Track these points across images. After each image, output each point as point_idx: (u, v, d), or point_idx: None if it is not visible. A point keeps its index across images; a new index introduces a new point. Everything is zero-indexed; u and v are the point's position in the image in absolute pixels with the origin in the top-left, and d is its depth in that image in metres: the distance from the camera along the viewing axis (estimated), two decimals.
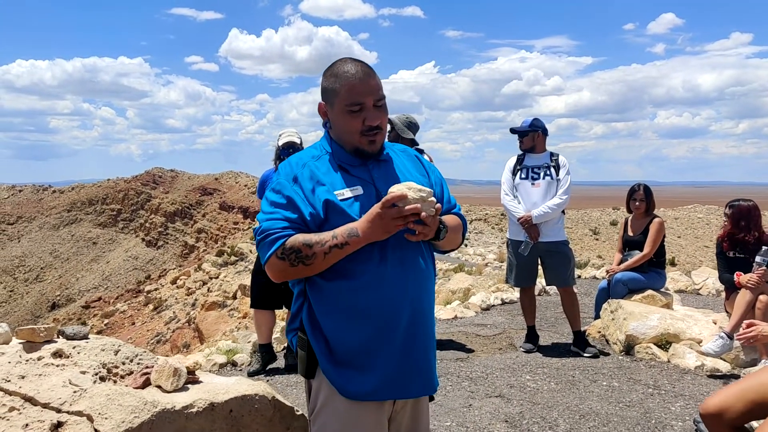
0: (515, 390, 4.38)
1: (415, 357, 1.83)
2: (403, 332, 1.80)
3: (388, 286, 1.77)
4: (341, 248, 1.70)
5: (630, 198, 5.98)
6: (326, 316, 1.79)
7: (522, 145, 5.31)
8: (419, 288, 1.84)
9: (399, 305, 1.78)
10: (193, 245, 69.25)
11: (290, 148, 4.83)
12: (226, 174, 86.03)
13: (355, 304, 1.76)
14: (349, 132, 1.80)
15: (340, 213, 1.75)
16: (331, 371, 1.78)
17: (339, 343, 1.78)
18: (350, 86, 1.77)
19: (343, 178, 1.81)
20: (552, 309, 7.22)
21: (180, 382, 2.32)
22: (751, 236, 4.94)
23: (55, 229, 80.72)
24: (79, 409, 2.12)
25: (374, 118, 1.79)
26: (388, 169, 1.89)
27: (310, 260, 1.71)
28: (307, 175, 1.81)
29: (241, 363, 5.22)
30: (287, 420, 2.49)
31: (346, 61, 1.83)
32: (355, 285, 1.75)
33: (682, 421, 3.78)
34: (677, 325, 5.38)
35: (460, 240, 2.02)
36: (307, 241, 1.71)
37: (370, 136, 1.80)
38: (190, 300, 29.70)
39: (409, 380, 1.82)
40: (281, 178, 1.84)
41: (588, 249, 35.98)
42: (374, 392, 1.77)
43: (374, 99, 1.79)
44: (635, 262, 5.82)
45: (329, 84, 1.82)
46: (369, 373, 1.77)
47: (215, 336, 17.96)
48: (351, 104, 1.77)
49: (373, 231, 1.69)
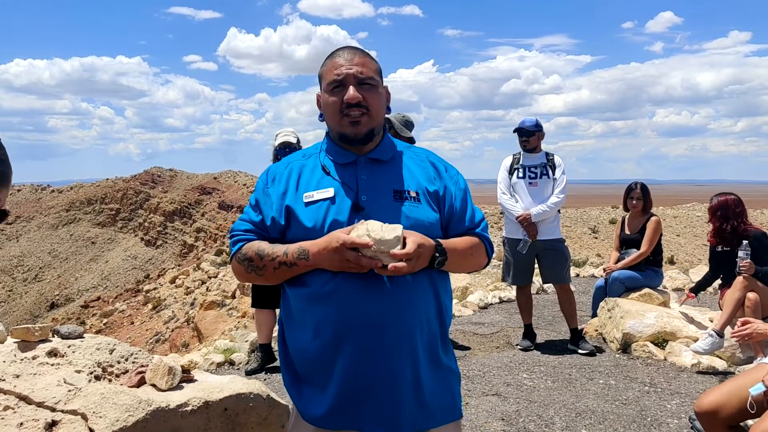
0: (512, 388, 4.38)
1: (375, 382, 1.57)
2: (359, 350, 1.56)
3: (344, 295, 1.57)
4: (289, 267, 1.60)
5: (627, 196, 5.99)
6: (288, 326, 1.71)
7: (528, 145, 5.34)
8: (388, 304, 1.57)
9: (354, 318, 1.56)
10: (192, 244, 69.27)
11: (286, 148, 4.84)
12: (225, 173, 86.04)
13: (307, 314, 1.62)
14: (331, 114, 1.67)
15: (298, 221, 1.63)
16: (291, 389, 1.70)
17: (298, 357, 1.67)
18: (333, 64, 1.67)
19: (320, 179, 1.68)
20: (549, 307, 7.23)
21: (175, 381, 2.33)
22: (729, 225, 4.99)
23: (54, 228, 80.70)
24: (74, 407, 2.12)
25: (353, 96, 1.62)
26: (382, 171, 1.70)
27: (260, 271, 1.64)
28: (285, 176, 1.71)
29: (238, 362, 5.23)
30: (282, 419, 2.49)
31: (340, 48, 1.74)
32: (308, 293, 1.62)
33: (678, 419, 3.79)
34: (674, 323, 5.39)
35: (476, 262, 1.78)
36: (260, 252, 1.63)
37: (351, 117, 1.63)
38: (189, 299, 29.72)
39: (365, 409, 1.58)
40: (261, 178, 1.78)
41: (587, 247, 36.03)
42: (325, 418, 1.60)
43: (356, 75, 1.64)
44: (632, 261, 5.82)
45: (321, 69, 1.73)
46: (322, 396, 1.61)
47: (214, 335, 17.97)
48: (332, 82, 1.65)
49: (324, 262, 1.55)
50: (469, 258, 1.73)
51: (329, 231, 1.58)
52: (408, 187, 1.68)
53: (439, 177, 1.76)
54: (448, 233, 1.73)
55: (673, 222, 39.42)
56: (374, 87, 1.67)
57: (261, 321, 4.98)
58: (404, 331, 1.59)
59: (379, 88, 1.70)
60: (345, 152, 1.71)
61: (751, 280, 4.67)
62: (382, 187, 1.66)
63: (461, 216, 1.75)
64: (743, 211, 5.09)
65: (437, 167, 1.78)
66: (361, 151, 1.70)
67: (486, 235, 1.81)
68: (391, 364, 1.58)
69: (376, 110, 1.67)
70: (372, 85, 1.66)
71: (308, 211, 1.63)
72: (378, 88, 1.69)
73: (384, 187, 1.66)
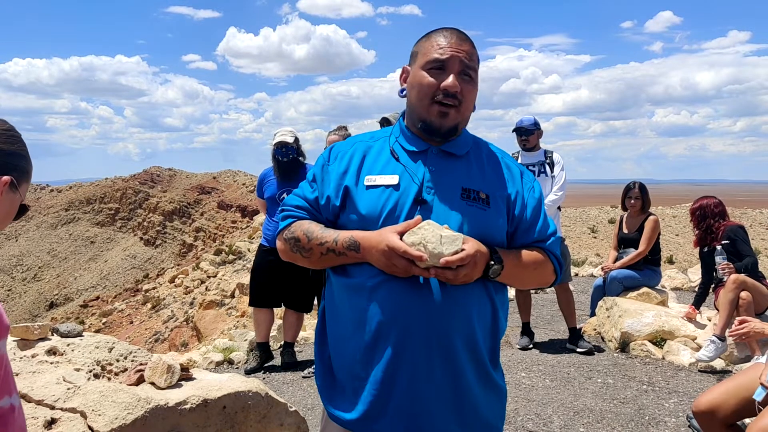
0: (510, 387, 4.39)
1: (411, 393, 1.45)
2: (396, 352, 1.44)
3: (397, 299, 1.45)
4: (338, 255, 1.49)
5: (625, 196, 6.00)
6: (330, 314, 1.61)
7: (528, 144, 5.35)
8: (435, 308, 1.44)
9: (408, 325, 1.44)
10: (191, 244, 69.25)
11: (283, 148, 4.84)
12: (224, 173, 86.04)
13: (348, 306, 1.52)
14: (420, 96, 1.52)
15: (354, 205, 1.52)
16: (322, 390, 1.59)
17: (336, 348, 1.56)
18: (437, 43, 1.52)
19: (385, 163, 1.56)
20: (548, 306, 7.24)
21: (173, 379, 2.33)
22: (705, 224, 5.15)
23: (53, 228, 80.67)
24: (73, 405, 2.13)
25: (453, 84, 1.49)
26: (453, 166, 1.56)
27: (306, 253, 1.54)
28: (348, 155, 1.59)
29: (237, 361, 5.24)
30: (281, 416, 2.50)
31: (444, 28, 1.58)
32: (350, 284, 1.51)
33: (676, 418, 3.80)
34: (672, 322, 5.40)
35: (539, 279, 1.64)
36: (308, 233, 1.53)
37: (442, 106, 1.50)
38: (188, 299, 29.70)
39: (406, 420, 1.45)
40: (324, 154, 1.65)
41: (586, 247, 36.05)
42: (355, 423, 1.49)
43: (461, 62, 1.51)
44: (630, 260, 5.83)
45: (420, 43, 1.58)
46: (356, 400, 1.49)
47: (213, 335, 17.97)
48: (433, 61, 1.51)
49: (373, 259, 1.44)
50: (531, 272, 1.58)
51: (385, 221, 1.48)
52: (478, 188, 1.55)
53: (513, 181, 1.62)
54: (512, 243, 1.58)
55: (672, 222, 39.45)
56: (473, 81, 1.55)
57: (259, 320, 4.99)
58: (449, 339, 1.46)
59: (476, 83, 1.57)
60: (418, 139, 1.58)
61: (741, 279, 4.69)
62: (450, 183, 1.53)
63: (530, 226, 1.60)
64: (723, 212, 5.21)
65: (512, 170, 1.64)
66: (435, 143, 1.58)
67: (555, 251, 1.63)
68: (430, 372, 1.46)
69: (467, 106, 1.56)
70: (472, 78, 1.54)
71: (367, 196, 1.51)
72: (475, 82, 1.56)
73: (452, 183, 1.53)
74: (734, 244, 4.91)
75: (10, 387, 1.26)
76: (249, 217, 58.54)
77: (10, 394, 1.25)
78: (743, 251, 4.92)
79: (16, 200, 1.26)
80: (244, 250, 29.38)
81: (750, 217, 43.30)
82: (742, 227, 5.16)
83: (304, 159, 4.98)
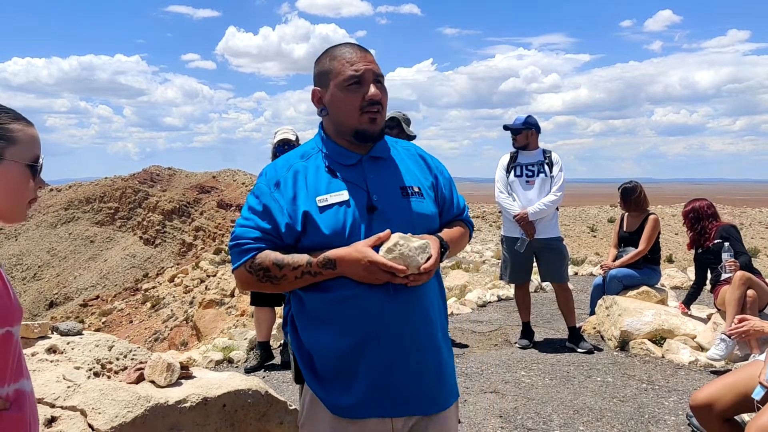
0: (510, 385, 4.40)
1: (404, 373, 1.64)
2: (387, 347, 1.62)
3: (368, 300, 1.60)
4: (313, 276, 1.59)
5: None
6: (305, 327, 1.69)
7: (515, 143, 5.32)
8: (410, 298, 1.64)
9: (380, 319, 1.61)
10: (191, 243, 69.26)
11: (285, 146, 4.84)
12: (223, 172, 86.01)
13: (331, 317, 1.63)
14: (349, 111, 1.65)
15: (316, 227, 1.61)
16: (313, 383, 1.68)
17: (319, 355, 1.66)
18: (348, 61, 1.66)
19: (328, 182, 1.66)
20: (548, 305, 7.24)
21: (173, 378, 2.34)
22: (699, 225, 5.25)
23: (53, 227, 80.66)
24: (73, 404, 2.13)
25: (376, 93, 1.64)
26: (385, 169, 1.73)
27: (278, 281, 1.61)
28: (291, 180, 1.66)
29: (237, 360, 5.24)
30: (280, 415, 2.50)
31: (340, 44, 1.73)
32: (331, 298, 1.62)
33: (675, 416, 3.80)
34: (672, 320, 5.40)
35: (465, 243, 1.92)
36: (278, 262, 1.60)
37: (371, 113, 1.65)
38: (187, 298, 29.72)
39: (395, 398, 1.64)
40: (262, 182, 1.71)
41: (585, 246, 36.06)
42: (354, 408, 1.62)
43: (373, 73, 1.66)
44: (630, 259, 5.84)
45: (325, 65, 1.70)
46: (349, 389, 1.63)
47: (213, 334, 17.98)
48: (349, 78, 1.64)
49: (352, 274, 1.58)
50: (460, 244, 1.85)
51: (350, 236, 1.60)
52: (411, 183, 1.72)
53: (429, 169, 1.82)
54: (440, 221, 1.80)
55: (672, 221, 39.46)
56: (384, 86, 1.71)
57: (260, 319, 4.99)
58: (429, 326, 1.68)
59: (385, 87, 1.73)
60: (348, 152, 1.70)
61: (748, 276, 4.70)
62: (389, 185, 1.69)
63: (450, 205, 1.85)
64: (715, 213, 5.34)
65: (426, 160, 1.84)
66: (363, 151, 1.70)
67: (470, 219, 1.95)
68: (419, 357, 1.65)
69: (385, 108, 1.71)
70: (383, 84, 1.70)
71: (325, 216, 1.61)
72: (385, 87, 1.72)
73: (391, 185, 1.69)
74: (730, 244, 4.95)
75: (23, 371, 1.29)
76: None
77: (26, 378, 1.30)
78: (738, 250, 4.96)
79: (10, 170, 1.26)
80: None
81: (749, 216, 43.32)
82: (734, 227, 5.24)
83: None
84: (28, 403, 1.28)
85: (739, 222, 39.61)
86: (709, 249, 5.10)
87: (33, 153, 1.31)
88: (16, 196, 1.28)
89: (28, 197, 1.31)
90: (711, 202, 5.40)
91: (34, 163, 1.31)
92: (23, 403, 1.26)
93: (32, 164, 1.30)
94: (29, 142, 1.30)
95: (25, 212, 1.32)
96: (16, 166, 1.27)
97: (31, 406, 1.30)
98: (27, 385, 1.30)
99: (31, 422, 1.28)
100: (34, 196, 1.33)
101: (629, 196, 5.94)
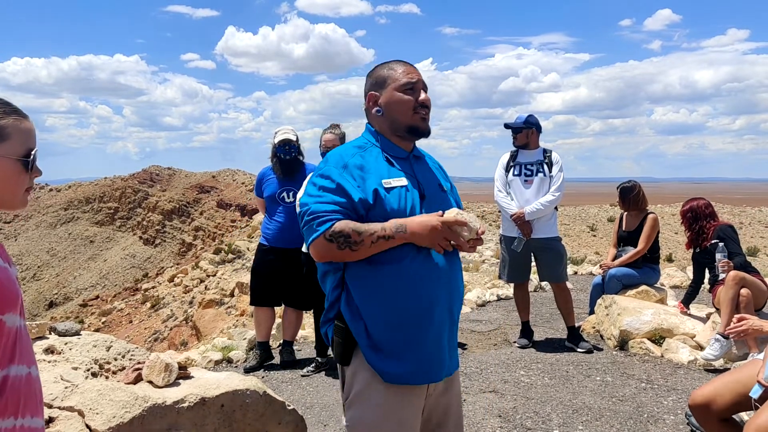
0: (509, 385, 4.39)
1: (446, 341, 1.94)
2: (438, 318, 1.89)
3: (428, 274, 1.87)
4: (387, 240, 1.82)
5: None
6: (367, 302, 1.86)
7: (516, 141, 5.31)
8: (455, 278, 1.97)
9: (437, 293, 1.89)
10: (190, 243, 69.21)
11: (286, 146, 4.83)
12: (223, 172, 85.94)
13: (396, 290, 1.84)
14: (404, 110, 1.96)
15: (385, 201, 1.87)
16: (370, 354, 1.85)
17: (378, 328, 1.85)
18: (404, 71, 1.99)
19: (388, 169, 1.94)
20: (547, 305, 7.24)
21: (171, 378, 2.33)
22: (697, 225, 5.25)
23: (52, 227, 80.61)
24: (71, 404, 2.13)
25: (427, 98, 1.99)
26: (426, 167, 2.06)
27: (357, 246, 1.81)
28: (357, 164, 1.91)
29: (236, 360, 5.23)
30: (279, 415, 2.50)
31: (395, 60, 2.07)
32: (397, 269, 1.85)
33: (674, 415, 3.80)
34: (671, 320, 5.40)
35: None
36: (357, 229, 1.81)
37: (421, 114, 1.97)
38: (187, 298, 29.68)
39: (441, 364, 1.92)
40: (330, 164, 1.93)
41: (585, 245, 36.06)
42: (411, 376, 1.85)
43: (423, 83, 2.01)
44: (629, 258, 5.83)
45: (383, 73, 2.01)
46: (405, 358, 1.85)
47: (213, 334, 17.96)
48: (406, 83, 1.96)
49: (422, 237, 1.84)
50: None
51: (410, 213, 1.88)
52: (442, 183, 2.07)
53: (445, 174, 2.16)
54: None
55: (671, 220, 39.45)
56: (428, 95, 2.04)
57: (260, 319, 4.99)
58: (460, 298, 2.03)
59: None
60: (399, 148, 2.00)
61: (741, 276, 4.71)
62: (430, 180, 2.02)
63: (457, 205, 2.11)
64: (713, 212, 5.33)
65: (442, 169, 2.18)
66: (408, 149, 2.03)
67: None
68: (452, 326, 1.97)
69: (430, 109, 2.03)
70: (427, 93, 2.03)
71: (390, 196, 1.88)
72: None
73: (433, 180, 2.03)
74: (725, 244, 4.95)
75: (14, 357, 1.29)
76: (248, 216, 58.50)
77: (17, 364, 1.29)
78: (733, 250, 4.96)
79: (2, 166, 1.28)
80: (244, 249, 29.38)
81: (749, 216, 43.32)
82: (732, 227, 5.24)
83: (303, 158, 4.98)
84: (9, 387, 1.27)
85: (739, 221, 39.61)
86: (707, 249, 5.11)
87: (26, 147, 1.33)
88: (11, 189, 1.32)
89: (24, 187, 1.34)
90: (709, 201, 5.41)
91: (26, 158, 1.32)
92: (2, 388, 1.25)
93: (24, 159, 1.32)
94: (21, 137, 1.32)
95: (24, 200, 1.36)
96: (7, 161, 1.29)
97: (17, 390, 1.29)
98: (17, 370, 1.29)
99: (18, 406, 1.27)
100: (30, 185, 1.36)
101: (628, 195, 5.94)
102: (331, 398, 4.19)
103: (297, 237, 4.82)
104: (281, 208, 4.88)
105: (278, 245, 4.86)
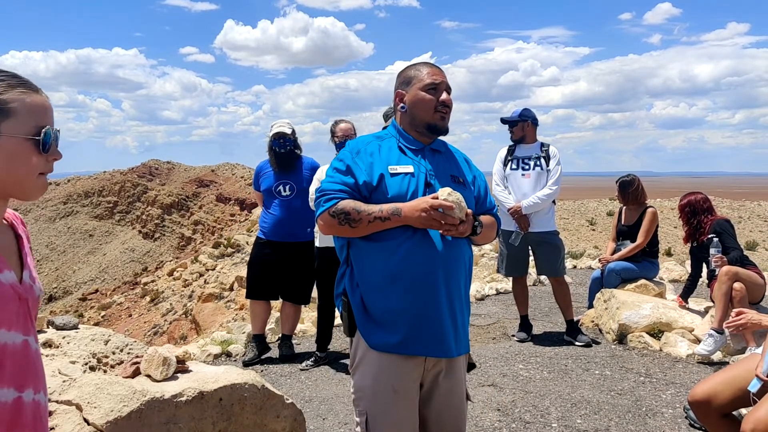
0: (508, 379, 4.40)
1: (448, 320, 2.03)
2: (432, 296, 2.00)
3: (421, 253, 1.99)
4: (383, 221, 1.97)
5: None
6: (364, 277, 2.03)
7: (512, 135, 5.31)
8: (452, 259, 2.04)
9: (430, 271, 2.00)
10: (189, 237, 69.24)
11: (281, 139, 4.82)
12: (222, 166, 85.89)
13: (389, 266, 1.99)
14: (425, 109, 2.11)
15: (385, 187, 2.03)
16: (364, 326, 2.02)
17: (372, 301, 2.01)
18: (430, 72, 2.15)
19: (398, 157, 2.11)
20: (546, 299, 7.24)
21: (169, 371, 2.33)
22: (695, 220, 5.24)
23: (52, 221, 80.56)
24: (68, 398, 2.13)
25: (449, 99, 2.13)
26: (441, 159, 2.19)
27: (355, 223, 1.98)
28: (369, 151, 2.10)
29: (235, 354, 5.23)
30: (277, 408, 2.50)
31: (422, 62, 2.23)
32: (391, 247, 1.99)
33: (673, 409, 3.81)
34: (669, 314, 5.40)
35: (493, 236, 2.30)
36: (356, 207, 1.98)
37: (442, 113, 2.12)
38: (186, 292, 29.71)
39: (438, 339, 2.02)
40: (346, 150, 2.13)
41: (584, 239, 36.08)
42: (398, 346, 1.98)
43: (447, 85, 2.15)
44: (628, 252, 5.83)
45: (410, 73, 2.17)
46: (395, 330, 1.99)
47: (212, 327, 17.99)
48: (430, 83, 2.12)
49: (414, 219, 1.96)
50: (490, 231, 2.22)
51: (410, 198, 2.01)
52: (458, 174, 2.18)
53: (470, 169, 2.29)
54: (475, 212, 2.17)
55: (671, 214, 39.47)
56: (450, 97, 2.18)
57: (256, 312, 4.98)
58: (460, 280, 2.10)
59: None
60: (415, 141, 2.16)
61: (734, 270, 4.70)
62: (443, 171, 2.15)
63: (484, 200, 2.29)
64: (710, 207, 5.31)
65: (468, 162, 2.33)
66: (427, 143, 2.17)
67: (498, 216, 2.34)
68: (450, 304, 2.04)
69: (450, 110, 2.17)
70: (450, 95, 2.18)
71: (393, 181, 2.04)
72: None
73: (444, 171, 2.15)
74: (721, 238, 4.94)
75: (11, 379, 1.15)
76: (247, 210, 58.48)
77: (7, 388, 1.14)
78: (729, 244, 4.95)
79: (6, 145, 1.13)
80: (243, 243, 29.38)
81: (748, 210, 43.34)
82: (728, 221, 5.23)
83: (300, 151, 4.95)
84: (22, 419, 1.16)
85: (738, 215, 39.62)
86: (704, 243, 5.11)
87: (34, 124, 1.16)
88: (22, 172, 1.15)
89: (37, 171, 1.17)
90: (706, 195, 5.40)
91: (36, 136, 1.16)
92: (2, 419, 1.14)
93: (34, 137, 1.15)
94: (29, 113, 1.16)
95: (38, 186, 1.18)
96: (14, 141, 1.13)
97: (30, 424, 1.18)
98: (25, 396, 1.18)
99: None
100: (45, 170, 1.19)
101: (627, 190, 5.94)
102: (329, 392, 4.19)
103: (294, 231, 4.81)
104: (277, 201, 4.87)
105: (274, 239, 4.85)
